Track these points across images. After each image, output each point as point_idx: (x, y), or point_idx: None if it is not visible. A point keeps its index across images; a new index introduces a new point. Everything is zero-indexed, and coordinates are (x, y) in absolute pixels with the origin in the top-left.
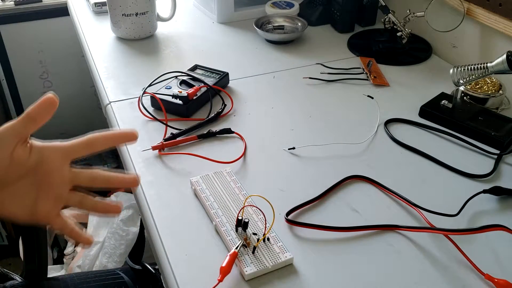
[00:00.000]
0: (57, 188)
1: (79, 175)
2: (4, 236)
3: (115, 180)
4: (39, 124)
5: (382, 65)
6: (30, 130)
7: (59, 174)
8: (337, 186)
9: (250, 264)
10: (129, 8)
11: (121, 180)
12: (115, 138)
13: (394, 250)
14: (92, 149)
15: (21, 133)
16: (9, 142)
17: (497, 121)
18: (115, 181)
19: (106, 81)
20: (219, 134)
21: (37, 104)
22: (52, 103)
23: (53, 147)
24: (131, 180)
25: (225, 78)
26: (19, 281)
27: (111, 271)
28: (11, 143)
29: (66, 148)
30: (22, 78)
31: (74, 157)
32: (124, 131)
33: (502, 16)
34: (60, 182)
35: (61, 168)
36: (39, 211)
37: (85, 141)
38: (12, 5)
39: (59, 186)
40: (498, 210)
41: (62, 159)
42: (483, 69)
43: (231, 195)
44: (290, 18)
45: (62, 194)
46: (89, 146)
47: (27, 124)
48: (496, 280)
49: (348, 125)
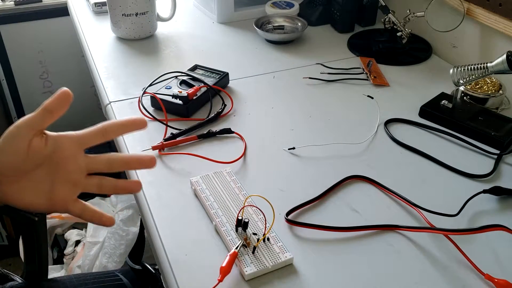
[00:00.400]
0: (73, 174)
1: (95, 160)
2: (4, 236)
3: (133, 161)
4: (55, 116)
5: (382, 65)
6: (46, 123)
7: (74, 161)
8: (337, 186)
9: (250, 264)
10: (129, 8)
11: (139, 161)
12: (127, 125)
13: (394, 250)
14: (105, 137)
15: (38, 125)
16: (27, 134)
17: (497, 121)
18: (133, 162)
19: (106, 81)
20: (219, 134)
21: (53, 98)
22: (68, 96)
23: (67, 136)
24: (149, 159)
25: (225, 78)
26: (19, 282)
27: (110, 273)
28: (28, 134)
29: (80, 137)
30: (22, 78)
31: (88, 145)
32: (134, 118)
33: (502, 16)
34: (76, 168)
35: (76, 156)
36: (56, 197)
37: (99, 129)
38: (12, 5)
39: (75, 172)
40: (498, 210)
41: (77, 147)
42: (483, 69)
43: (231, 195)
44: (290, 18)
45: (79, 179)
46: (103, 134)
47: (44, 116)
48: (496, 280)
49: (348, 125)
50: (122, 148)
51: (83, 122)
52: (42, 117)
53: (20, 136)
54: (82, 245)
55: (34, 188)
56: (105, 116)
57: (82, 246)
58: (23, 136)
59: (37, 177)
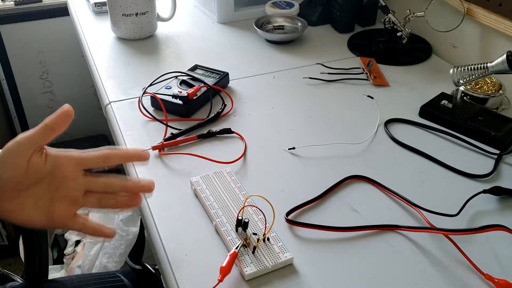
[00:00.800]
0: (72, 191)
1: (94, 181)
2: (4, 236)
3: (131, 186)
4: (56, 134)
5: (382, 65)
6: (47, 140)
7: (73, 180)
8: (337, 186)
9: (250, 264)
10: (129, 8)
11: (137, 186)
12: (130, 157)
13: (394, 250)
14: (106, 163)
15: (38, 142)
16: (27, 150)
17: (497, 121)
18: (131, 187)
19: (106, 81)
20: (219, 134)
21: (55, 115)
22: (69, 114)
23: (67, 157)
24: (148, 185)
25: (225, 78)
26: (19, 283)
27: (111, 274)
28: (28, 151)
29: (81, 159)
30: (22, 78)
31: (87, 167)
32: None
33: (502, 16)
34: (75, 186)
35: (75, 176)
36: (55, 214)
37: (102, 155)
38: (12, 5)
39: (74, 190)
40: (498, 210)
41: (76, 168)
42: (483, 69)
43: (231, 195)
44: (290, 18)
45: (77, 197)
46: (104, 160)
47: (45, 133)
48: (496, 280)
49: (348, 125)
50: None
51: (83, 122)
52: (43, 134)
53: (19, 152)
54: (82, 245)
55: (33, 204)
56: (105, 116)
57: (82, 246)
58: (23, 153)
59: (37, 193)
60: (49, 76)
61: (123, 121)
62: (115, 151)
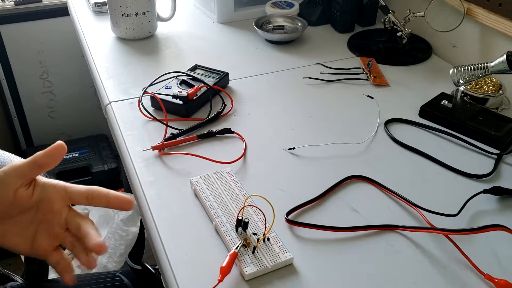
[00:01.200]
0: (55, 227)
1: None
2: None
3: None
4: (44, 170)
5: (382, 65)
6: (34, 174)
7: (58, 215)
8: (337, 186)
9: (250, 264)
10: (129, 8)
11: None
12: (112, 202)
13: (394, 250)
14: (90, 202)
15: (25, 176)
16: (13, 182)
17: (497, 121)
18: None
19: (106, 81)
20: (219, 134)
21: (46, 151)
22: (61, 151)
23: (55, 188)
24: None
25: (225, 78)
26: (19, 283)
27: (111, 273)
28: (15, 183)
29: (67, 193)
30: (22, 78)
31: (72, 203)
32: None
33: (502, 16)
34: (58, 222)
35: (60, 210)
36: (37, 245)
37: (87, 192)
38: (12, 5)
39: (57, 226)
40: (498, 210)
41: (62, 202)
42: (483, 69)
43: (231, 195)
44: (290, 18)
45: (59, 233)
46: (88, 199)
47: (33, 169)
48: (496, 280)
49: (348, 125)
50: (122, 148)
51: (83, 122)
52: (30, 169)
53: (6, 183)
54: None
55: (19, 233)
56: (105, 116)
57: None
58: (10, 185)
59: (22, 222)
60: (49, 76)
61: (123, 121)
62: (100, 192)
